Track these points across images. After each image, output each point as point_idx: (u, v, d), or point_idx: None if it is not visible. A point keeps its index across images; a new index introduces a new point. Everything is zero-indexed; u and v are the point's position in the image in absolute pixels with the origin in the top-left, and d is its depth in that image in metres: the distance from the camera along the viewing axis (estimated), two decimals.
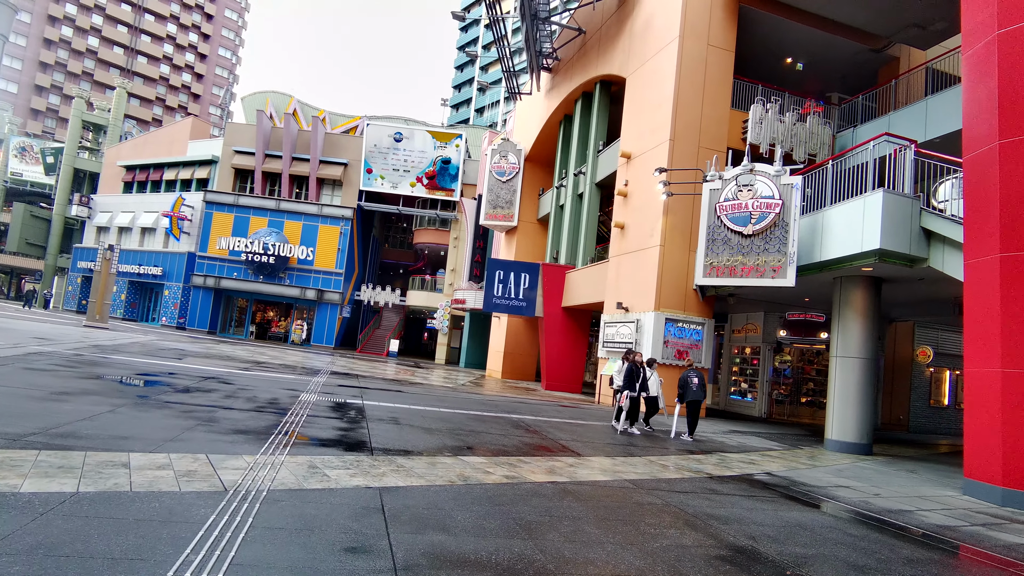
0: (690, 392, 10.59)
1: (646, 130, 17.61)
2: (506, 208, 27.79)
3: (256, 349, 24.46)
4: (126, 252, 39.92)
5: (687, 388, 10.61)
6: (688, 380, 10.62)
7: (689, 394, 10.59)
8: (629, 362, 10.33)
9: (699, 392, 10.70)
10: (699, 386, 10.66)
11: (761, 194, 11.90)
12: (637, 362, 10.45)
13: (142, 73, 74.97)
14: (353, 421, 8.34)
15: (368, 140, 36.55)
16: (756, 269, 11.85)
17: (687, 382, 10.63)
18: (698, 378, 10.68)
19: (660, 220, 16.13)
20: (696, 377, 10.68)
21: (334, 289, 36.21)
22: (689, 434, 10.85)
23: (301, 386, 11.95)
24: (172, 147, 43.46)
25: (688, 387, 10.59)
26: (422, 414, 10.04)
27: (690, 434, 10.84)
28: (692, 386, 10.67)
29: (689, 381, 10.62)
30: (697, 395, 10.67)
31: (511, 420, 10.71)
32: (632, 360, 10.33)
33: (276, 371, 15.08)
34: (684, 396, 10.60)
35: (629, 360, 10.42)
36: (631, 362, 10.40)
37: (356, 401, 10.55)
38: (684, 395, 10.60)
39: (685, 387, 10.62)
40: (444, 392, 15.05)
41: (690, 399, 10.64)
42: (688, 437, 10.86)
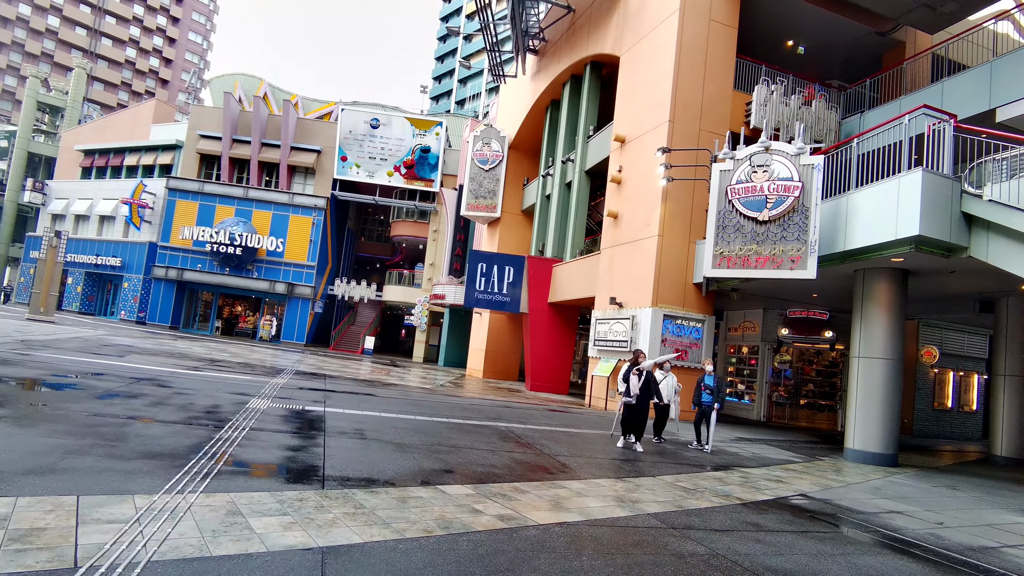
0: (704, 396, 9.28)
1: (642, 111, 16.29)
2: (489, 198, 26.31)
3: (217, 346, 22.62)
4: (83, 242, 37.56)
5: (702, 393, 9.29)
6: (703, 384, 9.31)
7: (704, 399, 9.28)
8: (634, 363, 8.85)
9: (715, 397, 9.41)
10: (715, 391, 9.36)
11: (778, 175, 10.64)
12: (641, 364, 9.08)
13: (106, 56, 71.60)
14: (308, 436, 6.82)
15: (343, 126, 34.71)
16: (772, 259, 10.60)
17: (701, 386, 9.31)
18: (714, 382, 9.37)
19: (658, 208, 14.83)
20: (712, 381, 9.37)
21: (305, 283, 34.34)
22: (704, 443, 9.54)
23: (254, 389, 10.36)
24: (134, 131, 41.03)
25: (702, 392, 9.27)
26: (394, 424, 8.54)
27: (705, 443, 9.53)
28: (707, 391, 9.34)
29: (704, 385, 9.31)
30: (712, 401, 9.38)
31: (497, 430, 9.27)
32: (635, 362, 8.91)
33: (231, 371, 13.41)
34: (698, 402, 9.28)
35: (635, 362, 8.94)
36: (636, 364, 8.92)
37: (316, 408, 9.01)
38: (698, 400, 9.28)
39: (699, 391, 9.30)
40: (421, 395, 13.55)
41: (704, 405, 9.32)
42: (698, 445, 9.56)
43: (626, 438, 8.89)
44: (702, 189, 15.12)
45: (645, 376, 8.57)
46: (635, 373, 8.73)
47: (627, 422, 8.80)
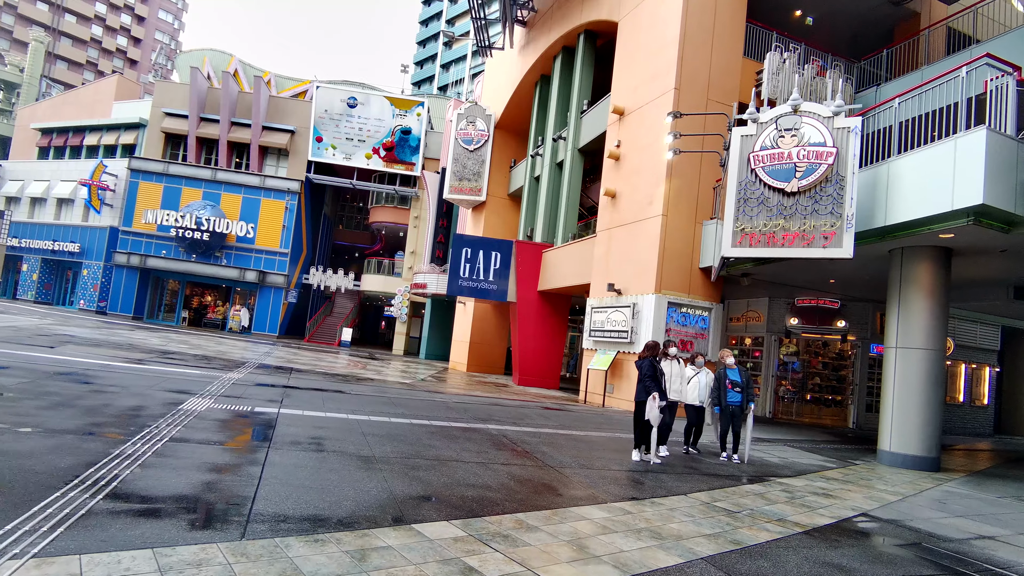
0: (730, 396, 7.90)
1: (644, 80, 14.86)
2: (474, 180, 24.73)
3: (179, 337, 20.80)
4: (39, 226, 35.21)
5: (727, 391, 7.86)
6: (725, 379, 7.89)
7: (729, 398, 7.90)
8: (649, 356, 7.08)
9: (745, 395, 7.94)
10: (745, 387, 7.99)
11: (809, 140, 9.29)
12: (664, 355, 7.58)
13: (70, 33, 68.09)
14: (246, 449, 5.29)
15: (318, 104, 32.75)
16: (802, 236, 9.26)
17: (722, 382, 7.88)
18: (741, 377, 8.00)
19: (662, 185, 13.44)
20: (739, 375, 7.99)
21: (278, 271, 32.45)
22: (732, 451, 8.10)
23: (199, 386, 8.75)
24: (94, 109, 38.55)
25: (728, 389, 7.85)
26: (363, 429, 7.03)
27: (733, 451, 8.10)
28: (735, 388, 7.94)
29: (727, 380, 7.88)
30: (743, 400, 7.93)
31: (489, 435, 7.81)
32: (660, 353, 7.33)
33: (182, 364, 11.75)
34: (721, 401, 7.86)
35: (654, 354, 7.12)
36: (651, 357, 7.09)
37: (269, 410, 7.45)
38: (721, 400, 7.87)
39: (722, 388, 7.91)
40: (399, 392, 12.03)
41: (732, 406, 7.94)
42: (726, 455, 8.10)
43: (641, 450, 7.20)
44: (710, 165, 13.77)
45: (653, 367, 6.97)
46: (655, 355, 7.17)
47: (645, 428, 7.07)
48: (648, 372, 6.93)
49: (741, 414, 7.95)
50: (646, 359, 7.00)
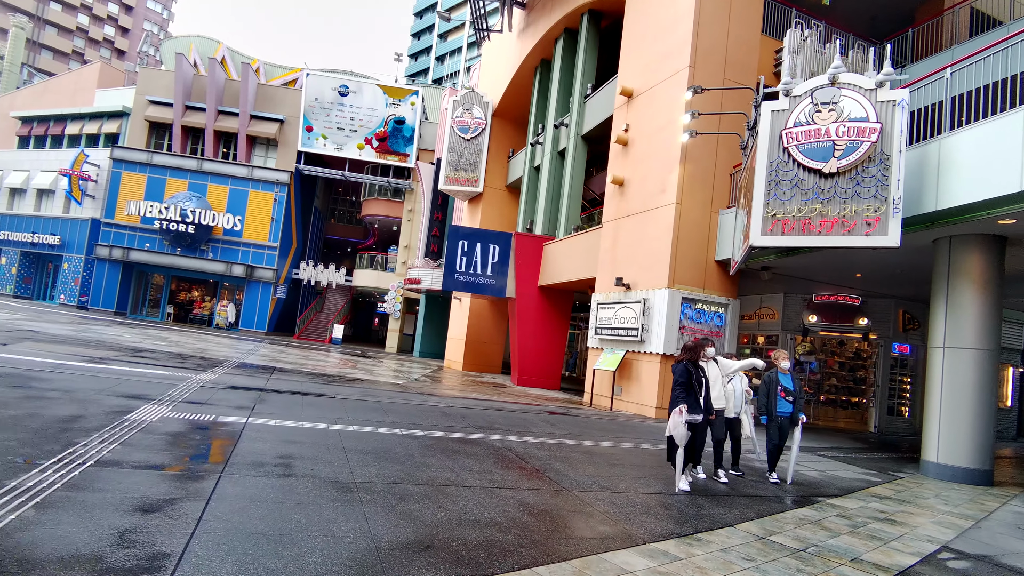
0: (781, 405, 6.81)
1: (654, 59, 13.84)
2: (470, 171, 23.65)
3: (159, 334, 19.66)
4: (18, 218, 33.94)
5: (777, 400, 6.76)
6: (776, 385, 6.81)
7: (781, 409, 6.84)
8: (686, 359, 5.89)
9: (796, 406, 6.74)
10: (797, 397, 6.77)
11: (850, 115, 8.29)
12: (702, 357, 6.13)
13: (56, 22, 66.41)
14: (192, 474, 4.24)
15: (308, 93, 31.57)
16: (842, 223, 8.27)
17: (772, 388, 6.77)
18: (794, 384, 6.91)
19: (675, 170, 12.43)
20: (791, 382, 6.87)
21: (267, 265, 31.30)
22: (770, 469, 6.97)
23: (160, 390, 7.68)
24: (77, 97, 37.27)
25: (777, 396, 6.79)
26: (345, 443, 5.98)
27: (770, 469, 6.97)
28: (787, 397, 6.74)
29: (781, 389, 6.80)
30: (794, 411, 6.74)
31: (491, 448, 6.78)
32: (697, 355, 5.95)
33: (151, 364, 10.66)
34: (771, 411, 6.83)
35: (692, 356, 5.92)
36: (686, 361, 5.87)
37: (235, 419, 6.39)
38: (770, 409, 6.81)
39: (772, 396, 6.76)
40: (390, 394, 10.98)
41: (781, 417, 6.75)
42: (774, 476, 6.91)
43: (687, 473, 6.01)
44: (727, 149, 12.78)
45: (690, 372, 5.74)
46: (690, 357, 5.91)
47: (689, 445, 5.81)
48: (680, 379, 5.79)
49: (791, 427, 6.84)
50: (680, 363, 5.87)
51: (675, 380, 5.85)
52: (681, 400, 5.61)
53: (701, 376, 5.84)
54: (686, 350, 5.91)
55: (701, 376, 5.84)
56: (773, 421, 6.78)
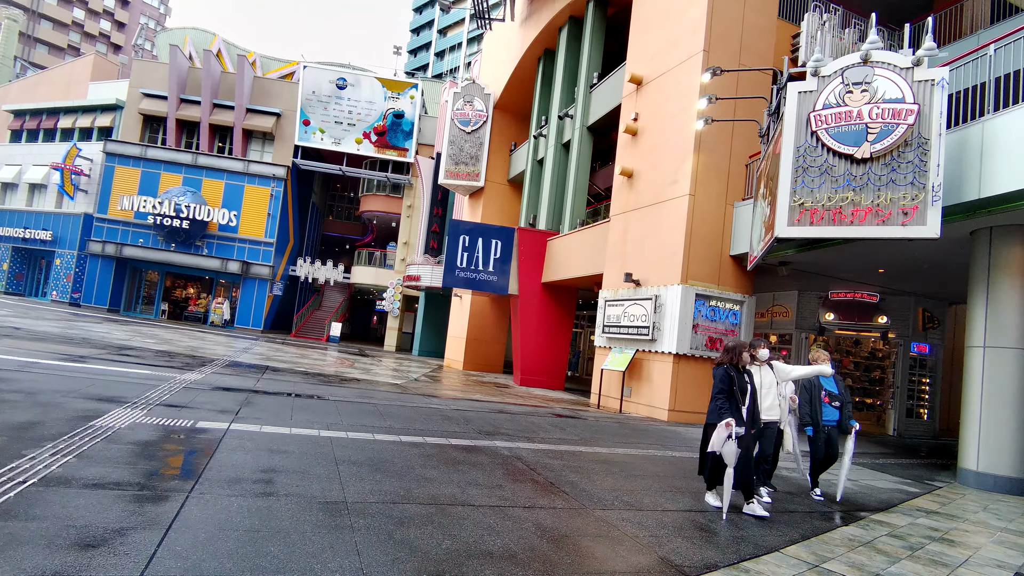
0: (827, 411, 6.04)
1: (665, 44, 13.22)
2: (471, 165, 23.02)
3: (150, 331, 19.03)
4: (10, 213, 33.29)
5: (821, 406, 6.03)
6: (819, 390, 6.07)
7: (827, 417, 6.04)
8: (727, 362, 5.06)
9: (844, 412, 6.04)
10: (844, 402, 6.05)
11: (884, 96, 7.68)
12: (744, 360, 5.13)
13: (50, 16, 65.62)
14: (154, 494, 3.63)
15: (305, 86, 30.91)
16: (876, 212, 7.66)
17: (815, 394, 6.03)
18: (839, 387, 6.22)
19: (689, 160, 11.81)
20: (835, 386, 6.19)
21: (263, 262, 30.67)
22: (813, 485, 6.22)
23: (138, 391, 7.06)
24: (70, 90, 36.58)
25: (821, 402, 6.04)
26: (337, 452, 5.37)
27: (813, 485, 6.21)
28: (833, 402, 6.02)
29: (826, 393, 6.08)
30: (842, 418, 6.03)
31: (499, 457, 6.17)
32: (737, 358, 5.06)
33: (134, 363, 10.04)
34: (816, 419, 6.00)
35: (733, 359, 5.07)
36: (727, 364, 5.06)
37: (216, 425, 5.77)
38: (815, 417, 6.01)
39: (815, 402, 6.02)
40: (388, 395, 10.36)
41: (828, 426, 6.01)
42: (818, 492, 6.19)
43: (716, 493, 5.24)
44: (743, 138, 12.17)
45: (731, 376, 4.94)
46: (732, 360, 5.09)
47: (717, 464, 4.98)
48: (721, 385, 4.97)
49: (840, 436, 6.09)
50: (720, 366, 5.11)
51: (715, 387, 5.03)
52: (725, 412, 4.82)
53: (746, 382, 5.06)
54: (726, 351, 5.14)
55: (746, 382, 5.06)
56: (820, 431, 6.02)
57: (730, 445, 4.66)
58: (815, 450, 6.11)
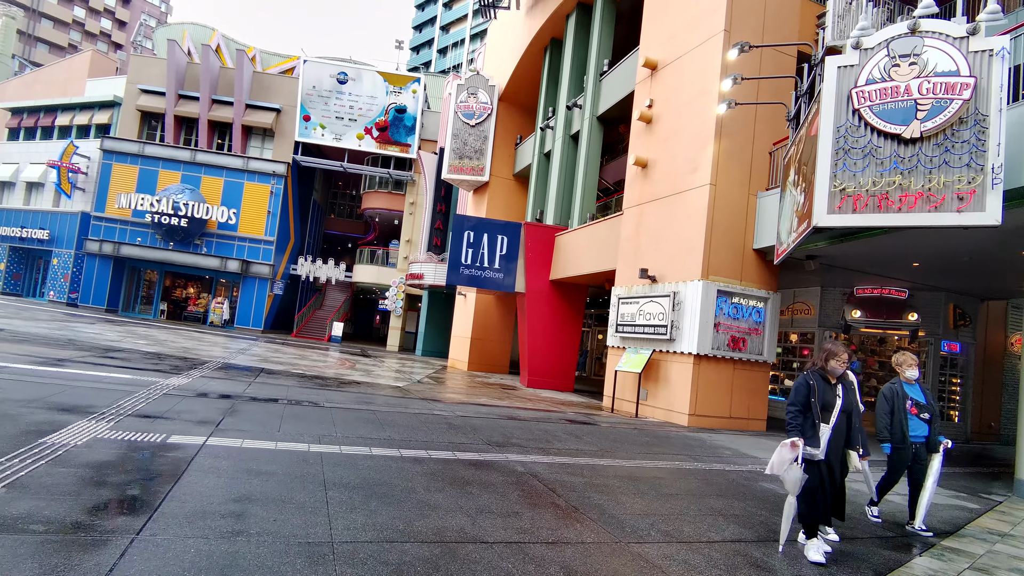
0: (914, 425, 5.14)
1: (682, 26, 12.46)
2: (475, 159, 22.30)
3: (145, 332, 18.38)
4: (7, 212, 32.78)
5: (907, 417, 5.12)
6: (904, 400, 5.14)
7: (914, 432, 5.15)
8: (815, 368, 4.25)
9: (934, 426, 5.17)
10: (931, 410, 5.18)
11: (936, 69, 6.93)
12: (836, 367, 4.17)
13: (51, 15, 65.20)
14: (88, 540, 2.93)
15: (305, 81, 30.23)
16: (926, 197, 6.91)
17: (898, 403, 5.14)
18: (926, 396, 5.28)
19: (709, 147, 11.06)
20: (922, 394, 5.26)
21: (263, 260, 30.03)
22: (875, 503, 5.47)
23: (111, 399, 6.37)
24: (67, 87, 36.02)
25: (902, 411, 5.12)
26: (327, 473, 4.67)
27: (875, 502, 5.47)
28: (920, 414, 5.16)
29: (912, 403, 5.15)
30: (931, 433, 5.16)
31: (513, 475, 5.45)
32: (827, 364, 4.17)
33: (118, 367, 9.36)
34: (896, 434, 5.12)
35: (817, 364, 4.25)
36: (809, 371, 4.27)
37: (190, 440, 5.07)
38: (896, 430, 5.13)
39: (897, 413, 5.12)
40: (389, 401, 9.65)
41: (915, 443, 5.15)
42: (876, 512, 5.44)
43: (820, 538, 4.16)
44: (765, 124, 11.41)
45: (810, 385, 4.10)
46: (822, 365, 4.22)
47: (813, 502, 4.04)
48: (796, 397, 4.11)
49: (926, 455, 5.20)
50: (803, 374, 4.26)
51: (789, 399, 4.19)
52: (793, 429, 3.99)
53: (834, 395, 4.13)
54: (814, 355, 4.25)
55: (834, 395, 4.13)
56: (905, 448, 5.15)
57: (794, 470, 3.85)
58: (894, 467, 5.28)
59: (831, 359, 4.18)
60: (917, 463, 5.20)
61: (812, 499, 4.01)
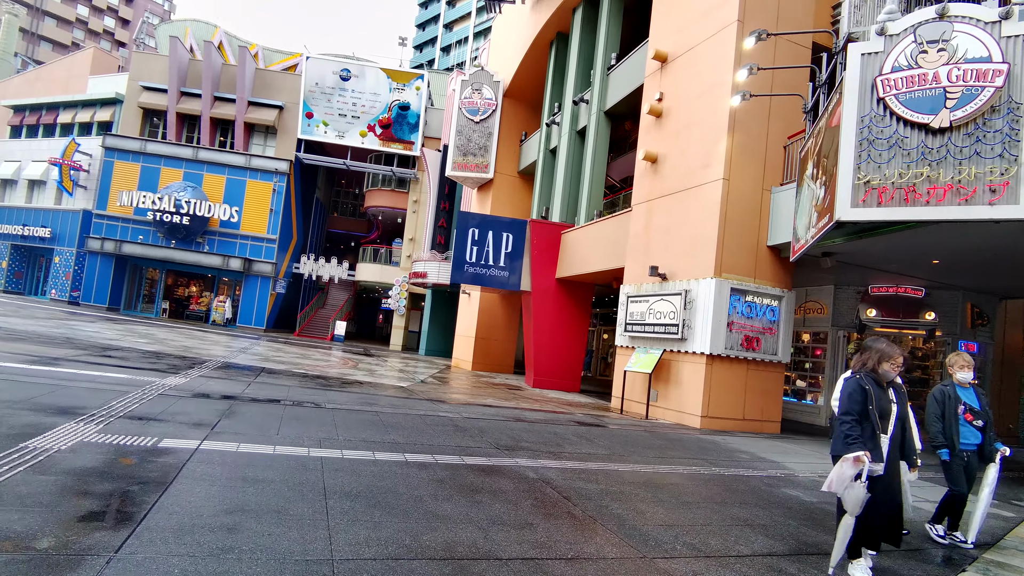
0: (966, 432, 4.73)
1: (694, 16, 12.14)
2: (480, 155, 21.99)
3: (146, 331, 18.15)
4: (9, 210, 32.62)
5: (958, 424, 4.70)
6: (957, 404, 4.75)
7: (966, 440, 4.73)
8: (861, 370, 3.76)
9: (988, 434, 4.74)
10: (985, 416, 4.75)
11: (966, 55, 6.61)
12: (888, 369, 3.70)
13: (54, 13, 65.16)
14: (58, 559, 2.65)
15: (308, 77, 29.98)
16: (956, 190, 6.60)
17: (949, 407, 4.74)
18: (980, 401, 4.85)
19: (722, 141, 10.74)
20: (976, 399, 4.83)
21: (265, 259, 29.81)
22: (950, 528, 4.88)
23: (104, 399, 6.10)
24: (69, 84, 35.90)
25: (959, 420, 4.70)
26: (328, 480, 4.38)
27: (938, 520, 4.94)
28: (974, 421, 4.74)
29: (967, 409, 4.75)
30: (986, 441, 4.74)
31: (524, 481, 5.16)
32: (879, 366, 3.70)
33: (114, 366, 9.11)
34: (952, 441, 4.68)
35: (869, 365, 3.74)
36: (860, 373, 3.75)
37: (183, 444, 4.79)
38: (950, 437, 4.69)
39: (949, 420, 4.70)
40: (393, 402, 9.37)
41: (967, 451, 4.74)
42: (942, 534, 4.87)
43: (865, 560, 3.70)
44: (780, 118, 11.09)
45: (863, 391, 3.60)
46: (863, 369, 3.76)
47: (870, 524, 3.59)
48: (850, 404, 3.58)
49: (981, 464, 4.79)
50: (851, 377, 3.74)
51: (842, 405, 3.64)
52: (855, 441, 3.45)
53: (890, 401, 3.68)
54: (862, 352, 3.76)
55: (890, 401, 3.68)
56: (957, 457, 4.74)
57: (857, 489, 3.36)
58: (954, 479, 4.78)
59: (885, 361, 3.70)
60: (969, 472, 4.84)
61: (867, 519, 3.57)
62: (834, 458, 3.66)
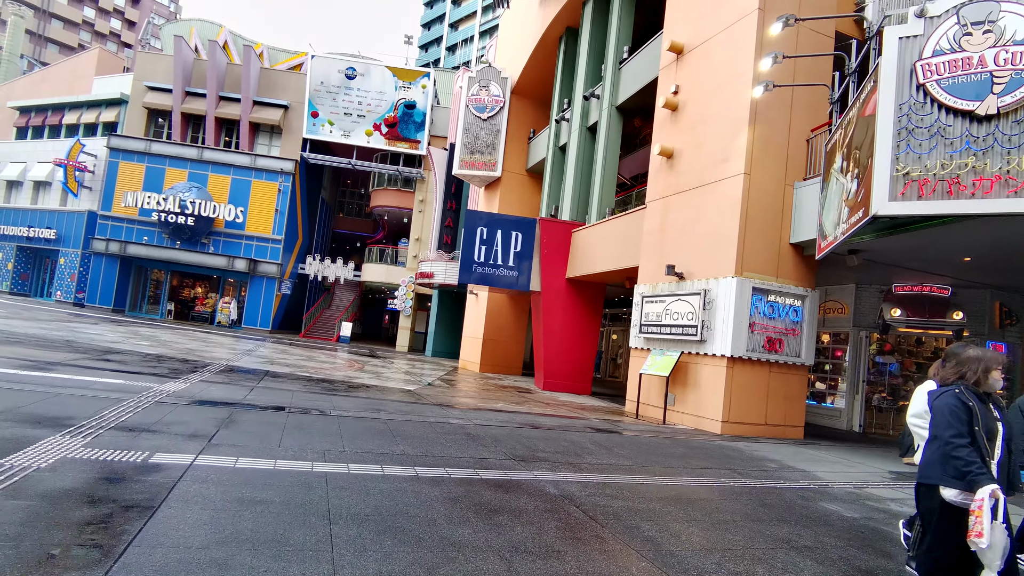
0: None
1: (711, 5, 11.70)
2: (487, 153, 21.61)
3: (149, 333, 17.86)
4: (14, 211, 32.48)
5: None
6: None
7: None
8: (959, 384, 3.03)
9: None
10: None
11: (1015, 37, 6.17)
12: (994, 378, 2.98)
13: (60, 15, 65.27)
14: None
15: (313, 76, 29.68)
16: (1005, 181, 6.15)
17: None
18: None
19: (743, 134, 10.30)
20: None
21: (271, 260, 29.51)
22: None
23: (98, 407, 5.74)
24: (75, 85, 35.76)
25: None
26: (332, 500, 4.00)
27: None
28: None
29: None
30: None
31: (546, 498, 4.75)
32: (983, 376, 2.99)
33: (112, 370, 8.77)
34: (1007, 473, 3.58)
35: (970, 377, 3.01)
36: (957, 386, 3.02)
37: (178, 458, 4.41)
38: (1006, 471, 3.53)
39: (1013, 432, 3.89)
40: (400, 407, 8.99)
41: None
42: None
43: None
44: (802, 110, 10.64)
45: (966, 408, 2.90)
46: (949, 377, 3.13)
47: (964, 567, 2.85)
48: (954, 424, 2.89)
49: None
50: (947, 391, 3.05)
51: (941, 423, 2.95)
52: (977, 472, 2.74)
53: (995, 418, 2.97)
54: (957, 363, 3.11)
55: (995, 418, 2.97)
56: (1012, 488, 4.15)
57: (998, 532, 2.66)
58: None
59: (994, 369, 3.03)
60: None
61: None
62: (928, 487, 3.02)
